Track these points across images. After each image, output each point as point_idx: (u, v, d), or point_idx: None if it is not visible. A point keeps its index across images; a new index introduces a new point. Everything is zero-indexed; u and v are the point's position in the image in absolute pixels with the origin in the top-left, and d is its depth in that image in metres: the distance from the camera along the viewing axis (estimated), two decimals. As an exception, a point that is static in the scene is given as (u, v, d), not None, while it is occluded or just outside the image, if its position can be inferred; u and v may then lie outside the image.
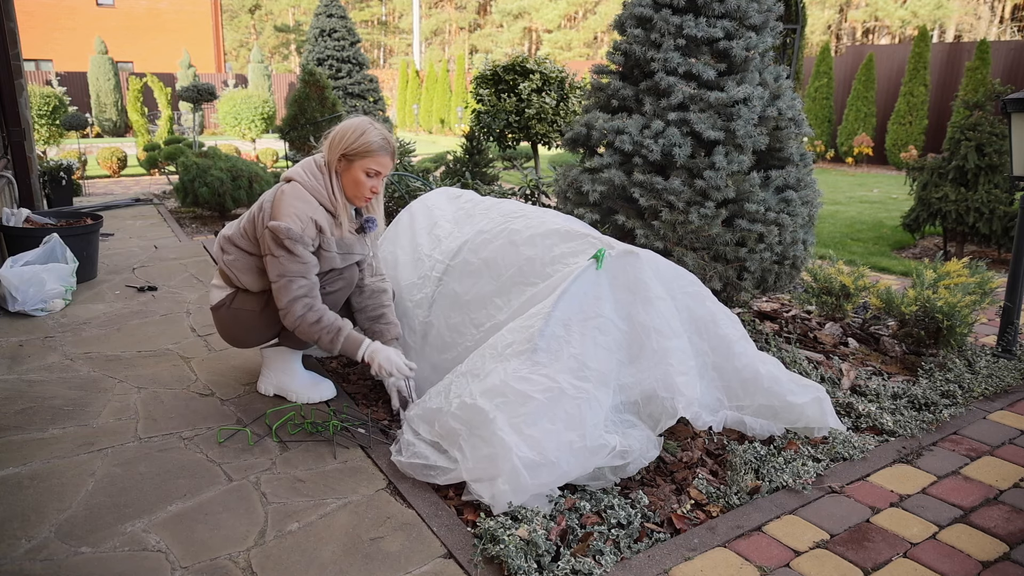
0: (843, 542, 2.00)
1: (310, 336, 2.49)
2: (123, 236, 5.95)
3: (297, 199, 2.47)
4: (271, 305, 2.60)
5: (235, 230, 2.64)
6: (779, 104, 3.28)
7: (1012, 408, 2.88)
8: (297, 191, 2.49)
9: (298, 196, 2.48)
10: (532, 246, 2.61)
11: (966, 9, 31.99)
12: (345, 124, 2.54)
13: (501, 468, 2.01)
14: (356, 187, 2.55)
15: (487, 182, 6.60)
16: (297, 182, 2.52)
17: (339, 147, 2.51)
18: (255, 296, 2.64)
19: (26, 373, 2.97)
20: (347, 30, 12.17)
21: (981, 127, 5.56)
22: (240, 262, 2.60)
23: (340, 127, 2.54)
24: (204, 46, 27.02)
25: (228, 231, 2.67)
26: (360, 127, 2.51)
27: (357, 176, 2.53)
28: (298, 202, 2.46)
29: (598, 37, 40.81)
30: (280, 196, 2.49)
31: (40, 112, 11.23)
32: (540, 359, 2.18)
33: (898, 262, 5.52)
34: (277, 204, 2.47)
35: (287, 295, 2.45)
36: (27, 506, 2.05)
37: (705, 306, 2.48)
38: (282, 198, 2.47)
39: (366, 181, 2.54)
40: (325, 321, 2.48)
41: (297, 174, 2.54)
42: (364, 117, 2.59)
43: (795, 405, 2.47)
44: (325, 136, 2.59)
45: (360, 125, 2.52)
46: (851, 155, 13.01)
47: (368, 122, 2.54)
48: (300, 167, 2.56)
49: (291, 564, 1.84)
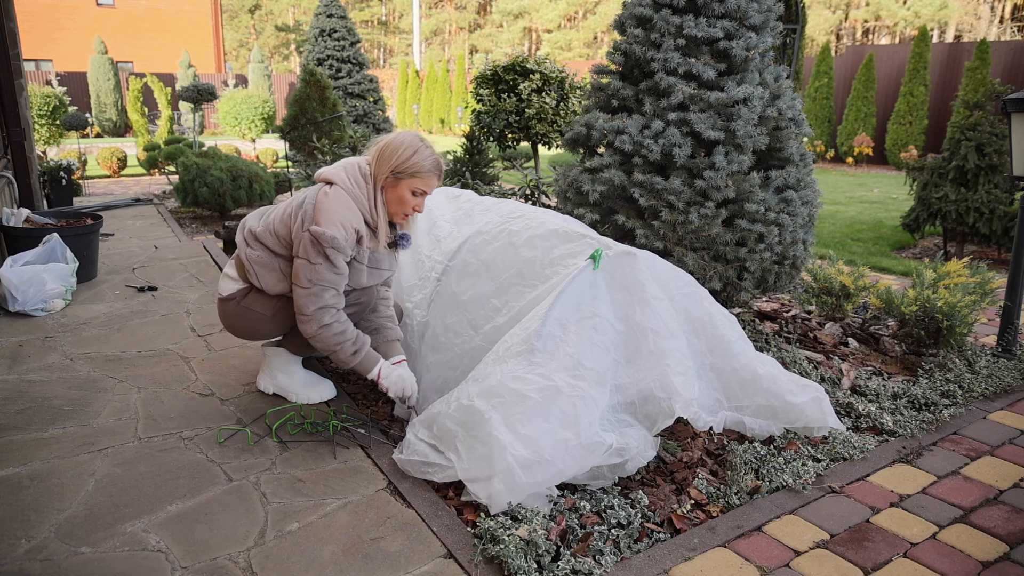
0: (843, 542, 2.00)
1: (328, 346, 2.43)
2: (123, 236, 5.95)
3: (343, 206, 2.38)
4: (283, 311, 2.57)
5: (263, 226, 2.52)
6: (779, 104, 3.28)
7: (1012, 408, 2.88)
8: (342, 197, 2.40)
9: (343, 203, 2.39)
10: (531, 247, 2.61)
11: (966, 9, 31.99)
12: (397, 139, 2.46)
13: (496, 467, 2.01)
14: (400, 205, 2.48)
15: (487, 182, 6.60)
16: (340, 187, 2.42)
17: (389, 163, 2.43)
18: (268, 299, 2.58)
19: (26, 373, 2.97)
20: (347, 30, 12.17)
21: (981, 127, 5.56)
22: (263, 260, 2.51)
23: (392, 141, 2.46)
24: (204, 46, 27.02)
25: (255, 225, 2.55)
26: (413, 146, 2.44)
27: (403, 194, 2.46)
28: (344, 209, 2.38)
29: (598, 37, 40.81)
30: (324, 199, 2.39)
31: (40, 112, 11.24)
32: (537, 359, 2.18)
33: (898, 262, 5.52)
34: (320, 207, 2.37)
35: (316, 303, 2.39)
36: (27, 506, 2.05)
37: (703, 307, 2.48)
38: (326, 202, 2.38)
39: (410, 200, 2.47)
40: (349, 334, 2.43)
41: (340, 179, 2.44)
42: (415, 134, 2.51)
43: (794, 405, 2.48)
44: (372, 145, 2.51)
45: (413, 143, 2.44)
46: (851, 155, 13.01)
47: (420, 141, 2.47)
48: (343, 171, 2.46)
49: (291, 564, 1.84)
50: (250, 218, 2.62)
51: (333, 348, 2.43)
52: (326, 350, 2.46)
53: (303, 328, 2.44)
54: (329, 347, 2.44)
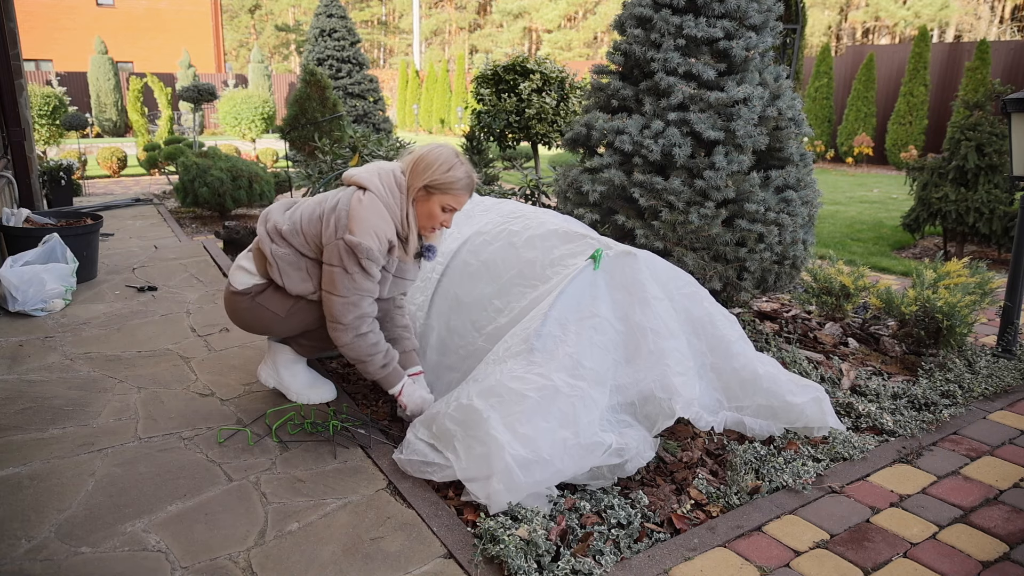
0: (843, 542, 2.00)
1: (360, 356, 2.42)
2: (123, 236, 5.95)
3: (377, 215, 2.36)
4: (297, 314, 2.54)
5: (290, 225, 2.46)
6: (779, 104, 3.28)
7: (1012, 408, 2.88)
8: (376, 206, 2.37)
9: (378, 212, 2.36)
10: (531, 248, 2.61)
11: (966, 9, 31.99)
12: (434, 153, 2.43)
13: (494, 467, 2.01)
14: (429, 219, 2.46)
15: (487, 182, 6.61)
16: (375, 195, 2.38)
17: (423, 177, 2.40)
18: (284, 299, 2.53)
19: (26, 373, 2.97)
20: (347, 30, 12.17)
21: (981, 127, 5.56)
22: (290, 258, 2.46)
23: (428, 154, 2.43)
24: (204, 46, 27.02)
25: (280, 221, 2.49)
26: (449, 161, 2.41)
27: (433, 209, 2.43)
28: (379, 219, 2.35)
29: (598, 37, 40.82)
30: (359, 206, 2.35)
31: (40, 112, 11.24)
32: (536, 359, 2.18)
33: (898, 262, 5.52)
34: (355, 215, 2.33)
35: (354, 312, 2.37)
36: (27, 506, 2.05)
37: (703, 307, 2.48)
38: (361, 210, 2.34)
39: (440, 215, 2.44)
40: (382, 346, 2.43)
41: (375, 186, 2.40)
42: (452, 149, 2.47)
43: (794, 405, 2.48)
44: (408, 154, 2.48)
45: (449, 159, 2.41)
46: (851, 155, 13.01)
47: (456, 156, 2.44)
48: (377, 178, 2.42)
49: (291, 564, 1.84)
50: (273, 211, 2.56)
51: (364, 359, 2.42)
52: (357, 359, 2.44)
53: (337, 336, 2.41)
54: (361, 357, 2.42)
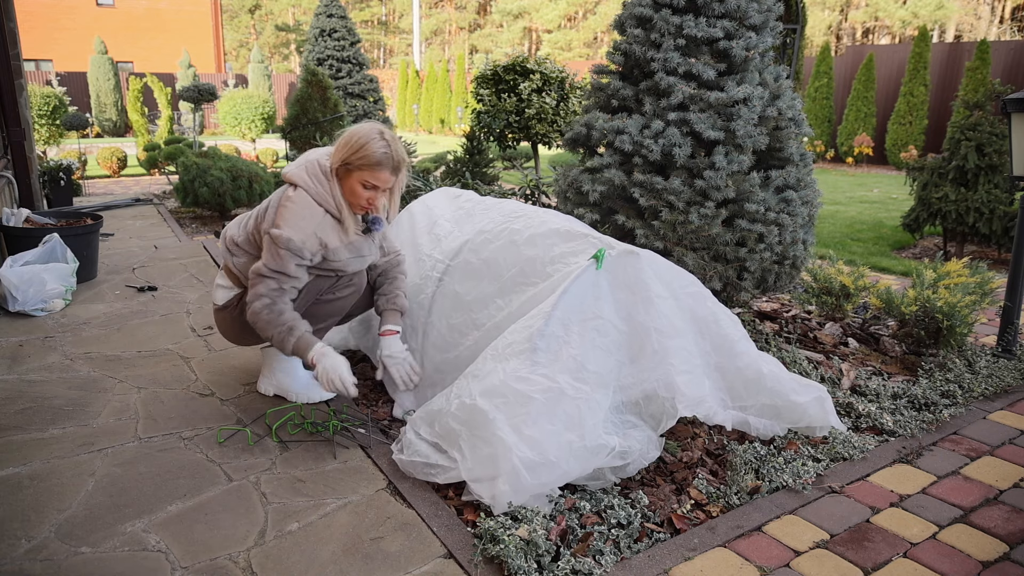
0: (843, 542, 2.00)
1: (264, 332, 2.44)
2: (123, 236, 5.95)
3: (301, 213, 2.42)
4: None
5: (244, 235, 2.60)
6: (779, 104, 3.28)
7: (1012, 408, 2.88)
8: (304, 201, 2.43)
9: (303, 208, 2.42)
10: (533, 246, 2.61)
11: (966, 9, 31.99)
12: (353, 130, 2.45)
13: (501, 468, 2.01)
14: (352, 196, 2.48)
15: (487, 182, 6.61)
16: (303, 189, 2.45)
17: (340, 153, 2.44)
18: None
19: (26, 373, 2.97)
20: (347, 30, 12.17)
21: (981, 127, 5.56)
22: (249, 266, 2.56)
23: (348, 131, 2.46)
24: (204, 46, 27.01)
25: (235, 235, 2.62)
26: (366, 136, 2.40)
27: (353, 186, 2.45)
28: (302, 218, 2.42)
29: (598, 37, 40.81)
30: (286, 204, 2.44)
31: (40, 112, 11.23)
32: (539, 359, 2.18)
33: (898, 262, 5.52)
34: (281, 212, 2.43)
35: (254, 289, 2.44)
36: (27, 506, 2.05)
37: (706, 306, 2.48)
38: (288, 207, 2.43)
39: (362, 192, 2.45)
40: (282, 320, 2.43)
41: (303, 180, 2.46)
42: (375, 125, 2.46)
43: (798, 404, 2.47)
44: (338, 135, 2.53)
45: (367, 134, 2.41)
46: (851, 155, 13.01)
47: (376, 132, 2.42)
48: (304, 171, 2.48)
49: (291, 564, 1.84)
50: (230, 227, 2.67)
51: (268, 333, 2.43)
52: (264, 335, 2.46)
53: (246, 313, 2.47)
54: (264, 332, 2.44)
